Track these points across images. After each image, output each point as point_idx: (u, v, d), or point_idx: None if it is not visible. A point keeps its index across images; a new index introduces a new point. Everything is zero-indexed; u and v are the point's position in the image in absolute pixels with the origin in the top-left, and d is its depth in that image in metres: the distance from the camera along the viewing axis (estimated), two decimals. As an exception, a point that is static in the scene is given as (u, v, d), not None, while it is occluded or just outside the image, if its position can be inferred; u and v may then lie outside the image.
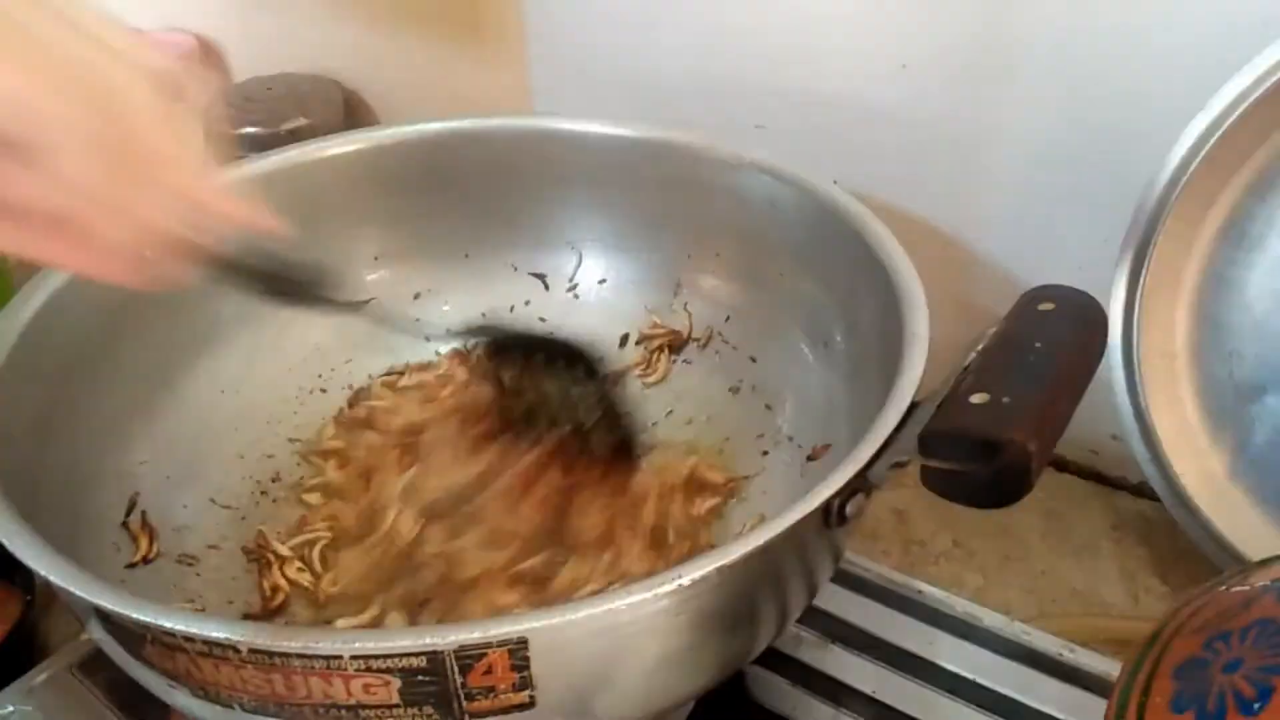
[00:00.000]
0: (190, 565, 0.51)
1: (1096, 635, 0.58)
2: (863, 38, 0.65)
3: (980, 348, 0.36)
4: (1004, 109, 0.63)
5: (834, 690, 0.50)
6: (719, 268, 0.61)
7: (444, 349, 0.64)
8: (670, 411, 0.61)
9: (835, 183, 0.54)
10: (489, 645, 0.32)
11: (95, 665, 0.51)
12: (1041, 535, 0.68)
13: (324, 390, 0.62)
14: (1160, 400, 0.59)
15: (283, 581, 0.50)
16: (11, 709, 0.50)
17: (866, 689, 0.50)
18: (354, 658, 0.32)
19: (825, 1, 0.65)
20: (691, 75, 0.73)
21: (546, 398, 0.51)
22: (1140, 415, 0.60)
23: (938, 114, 0.65)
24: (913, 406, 0.38)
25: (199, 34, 1.03)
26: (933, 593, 0.55)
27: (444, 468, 0.52)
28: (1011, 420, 0.30)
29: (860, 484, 0.36)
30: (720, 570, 0.34)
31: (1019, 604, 0.63)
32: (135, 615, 0.32)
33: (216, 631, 0.32)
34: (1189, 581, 0.64)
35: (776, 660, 0.51)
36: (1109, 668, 0.51)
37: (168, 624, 0.32)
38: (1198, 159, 0.53)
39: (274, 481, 0.57)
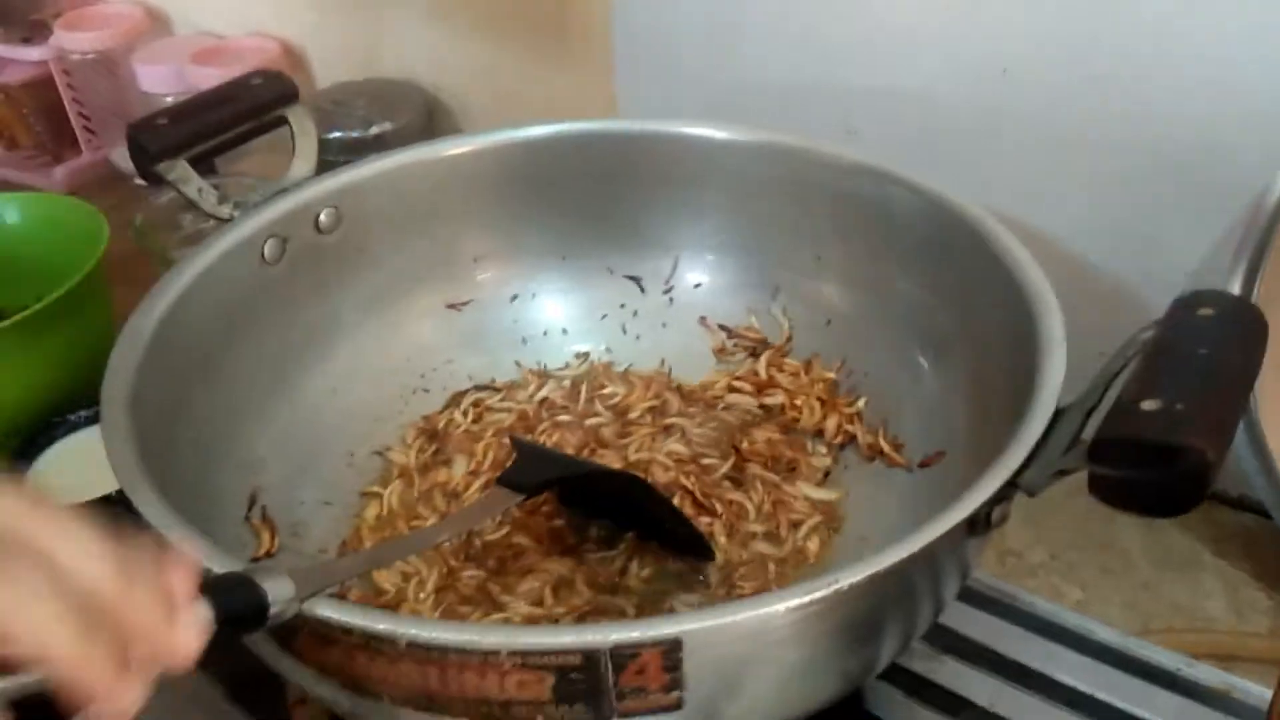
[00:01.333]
0: (306, 561, 0.51)
1: (1202, 650, 0.57)
2: (961, 41, 0.65)
3: (1134, 353, 0.35)
4: (1107, 114, 0.62)
5: (949, 702, 0.50)
6: (820, 271, 0.61)
7: (529, 364, 0.65)
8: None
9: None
10: (644, 645, 0.32)
11: (213, 657, 0.52)
12: (1141, 549, 0.67)
13: (426, 390, 0.62)
14: (1273, 411, 0.58)
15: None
16: (131, 698, 0.50)
17: (982, 701, 0.50)
18: (511, 653, 0.32)
19: (921, 4, 0.65)
20: (778, 81, 0.73)
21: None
22: (1251, 426, 0.59)
23: (1038, 119, 0.64)
24: (1058, 413, 0.38)
25: (283, 39, 1.05)
26: (1042, 604, 0.55)
27: None
28: (1188, 427, 0.30)
29: (1009, 490, 0.36)
30: (871, 579, 0.33)
31: (1120, 618, 0.62)
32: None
33: (379, 624, 0.32)
34: (1295, 597, 0.62)
35: (891, 671, 0.50)
36: (1229, 683, 0.50)
37: (332, 615, 0.32)
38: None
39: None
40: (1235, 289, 0.57)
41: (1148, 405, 0.31)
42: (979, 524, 0.36)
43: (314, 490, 0.55)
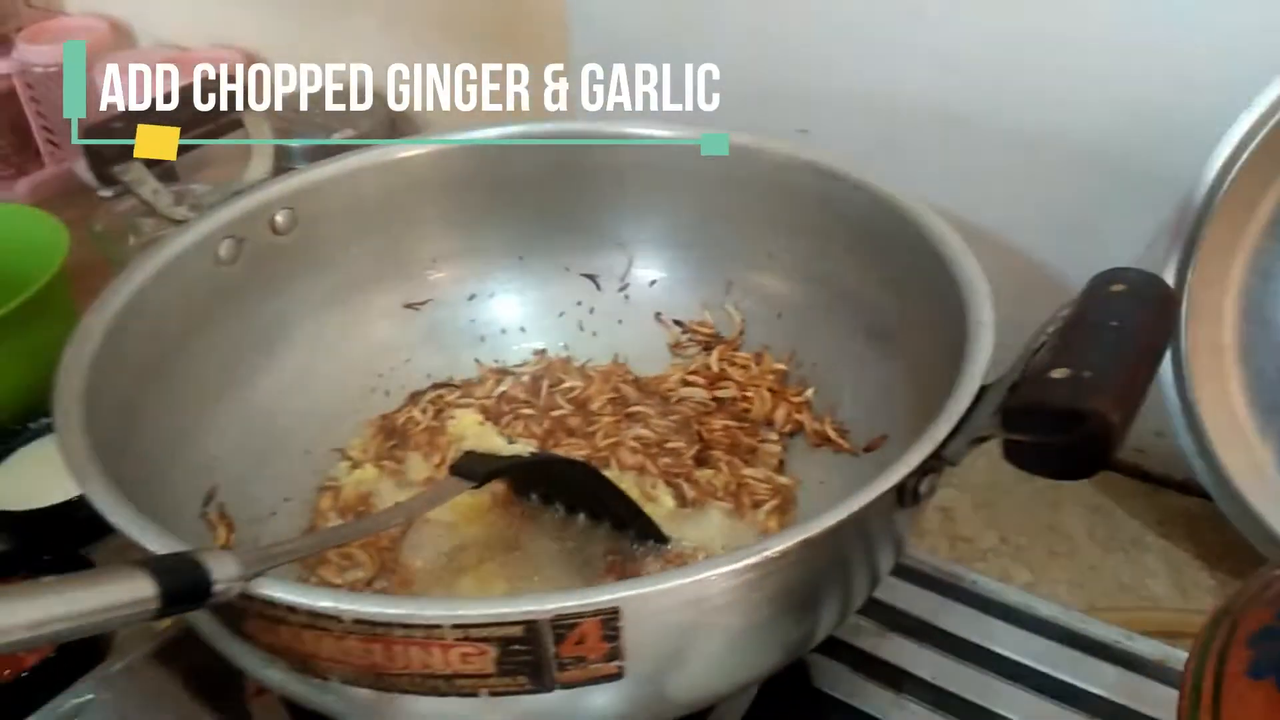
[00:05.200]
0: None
1: (1147, 628, 0.59)
2: (904, 38, 0.67)
3: (1053, 328, 0.37)
4: (1048, 107, 0.64)
5: (894, 676, 0.51)
6: (771, 266, 0.62)
7: (487, 362, 0.66)
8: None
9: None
10: (583, 614, 0.33)
11: (172, 653, 0.53)
12: (1088, 532, 0.68)
13: (386, 391, 0.63)
14: (1208, 394, 0.60)
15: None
16: (90, 696, 0.51)
17: (926, 675, 0.51)
18: (454, 626, 0.33)
19: (870, 5, 0.67)
20: (731, 84, 0.75)
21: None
22: (1188, 409, 0.61)
23: (981, 113, 0.66)
24: (983, 389, 0.39)
25: (244, 49, 1.06)
26: (986, 583, 0.56)
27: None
28: (1093, 392, 0.31)
29: (935, 463, 0.37)
30: (804, 544, 0.35)
31: (1068, 598, 0.63)
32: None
33: (322, 601, 0.33)
34: (1236, 575, 0.64)
35: (836, 648, 0.52)
36: (1166, 654, 0.52)
37: (276, 594, 0.33)
38: (1244, 156, 0.55)
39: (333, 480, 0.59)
40: (1170, 275, 0.59)
41: (1057, 374, 0.32)
42: (907, 494, 0.37)
43: (272, 487, 0.55)
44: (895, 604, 0.54)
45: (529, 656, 0.34)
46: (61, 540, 0.65)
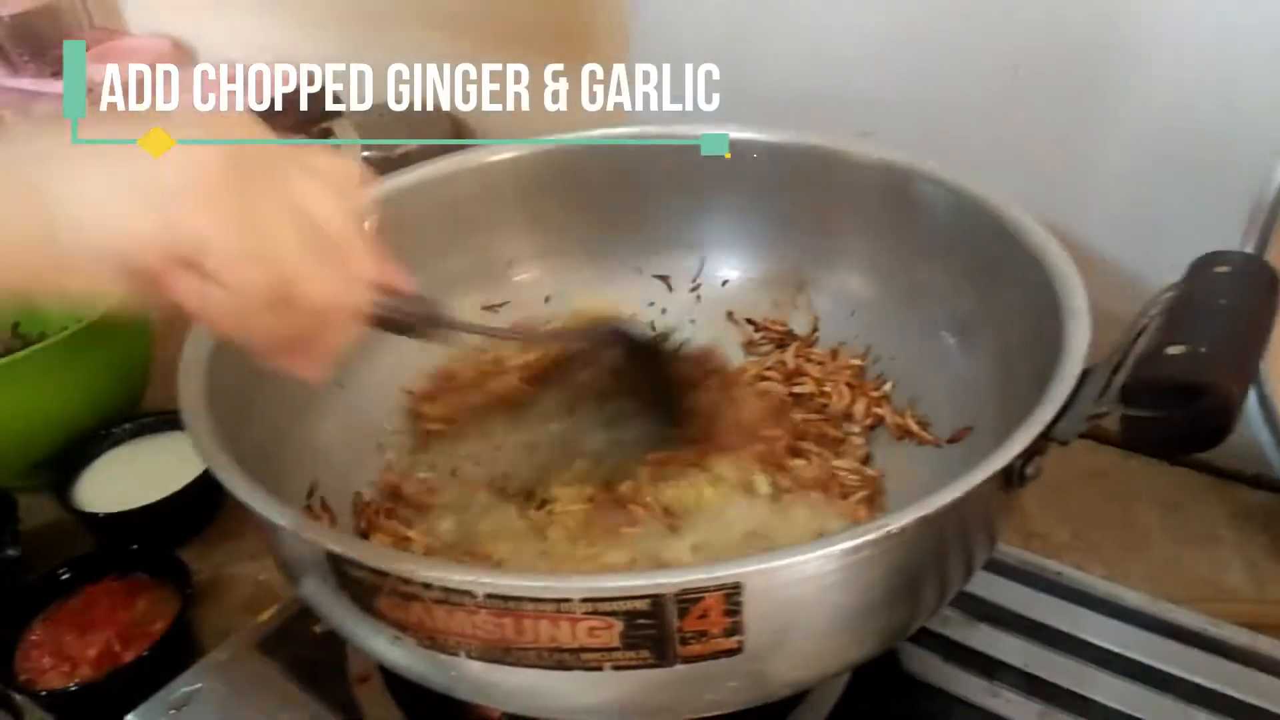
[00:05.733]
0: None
1: (1228, 619, 0.59)
2: (973, 40, 0.68)
3: (1155, 311, 0.38)
4: (1116, 109, 0.65)
5: (985, 665, 0.52)
6: (844, 265, 0.64)
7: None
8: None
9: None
10: (707, 589, 0.34)
11: (274, 644, 0.54)
12: (1161, 527, 0.68)
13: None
14: (1284, 387, 0.60)
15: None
16: (199, 685, 0.52)
17: (1017, 663, 0.51)
18: (584, 600, 0.34)
19: (932, 7, 0.68)
20: (793, 85, 0.76)
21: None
22: (1265, 403, 0.61)
23: (1049, 116, 0.67)
24: (1084, 373, 0.40)
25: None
26: (1071, 574, 0.57)
27: None
28: (1212, 366, 0.32)
29: (1042, 444, 0.38)
30: (921, 521, 0.35)
31: (1146, 593, 0.63)
32: (380, 563, 0.35)
33: (456, 575, 0.34)
34: (1314, 569, 0.64)
35: (928, 637, 0.53)
36: (1252, 640, 0.52)
37: (415, 569, 0.34)
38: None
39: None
40: (1243, 269, 0.60)
41: (1173, 350, 0.33)
42: (1014, 475, 0.38)
43: (367, 478, 0.57)
44: (983, 595, 0.55)
45: (653, 630, 0.35)
46: (149, 541, 0.66)
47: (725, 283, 0.68)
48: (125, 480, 0.72)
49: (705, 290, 0.68)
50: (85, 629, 0.60)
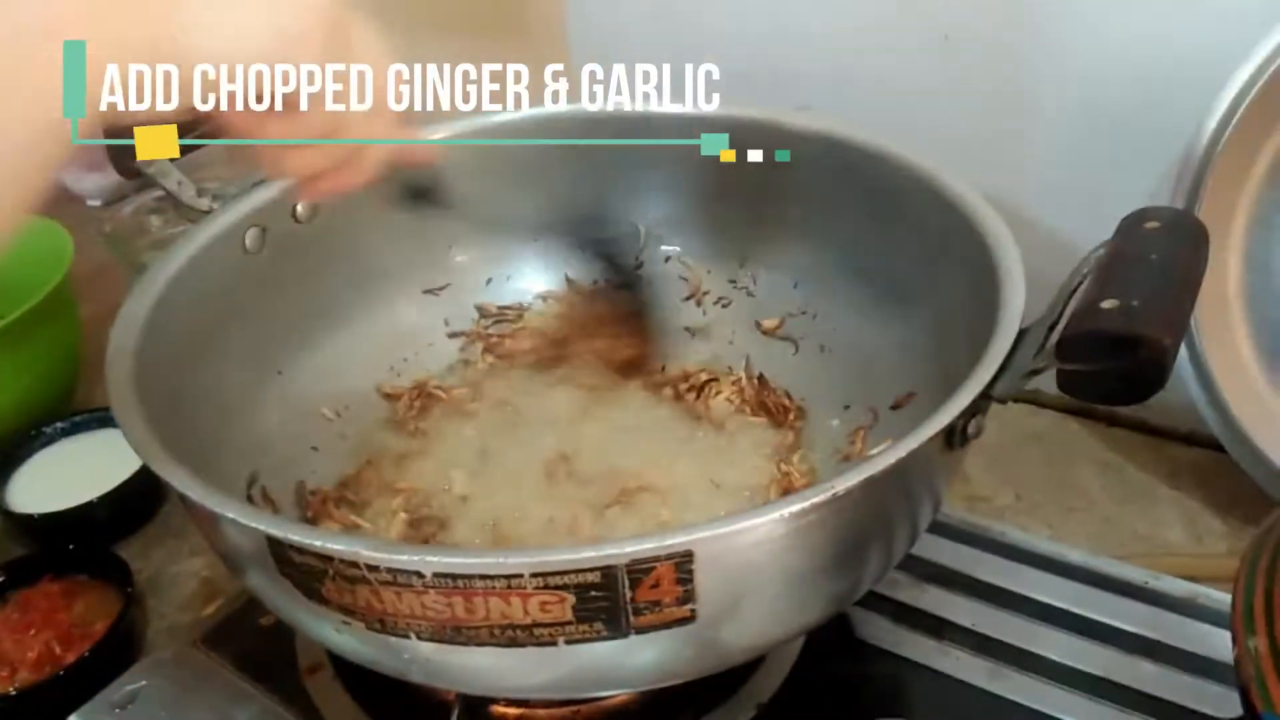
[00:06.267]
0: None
1: (1168, 572, 0.61)
2: (902, 10, 0.68)
3: (1088, 269, 0.38)
4: (1045, 75, 0.66)
5: (934, 625, 0.52)
6: (785, 237, 0.64)
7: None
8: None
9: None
10: (658, 558, 0.34)
11: (221, 638, 0.53)
12: (1101, 487, 0.70)
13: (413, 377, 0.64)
14: (1216, 344, 0.62)
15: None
16: (143, 682, 0.51)
17: (965, 622, 0.52)
18: (534, 575, 0.34)
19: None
20: (729, 66, 0.76)
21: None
22: (1197, 361, 0.62)
23: (981, 83, 0.68)
24: (1021, 331, 0.40)
25: None
26: (1015, 534, 0.58)
27: None
28: (1145, 318, 0.33)
29: (983, 403, 0.38)
30: (867, 482, 0.36)
31: (1088, 550, 0.65)
32: (324, 545, 0.34)
33: (403, 555, 0.34)
34: (1248, 522, 0.66)
35: (877, 601, 0.53)
36: (1191, 590, 0.54)
37: (361, 550, 0.34)
38: (1241, 108, 0.56)
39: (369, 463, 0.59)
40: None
41: (1107, 304, 0.34)
42: (956, 434, 0.38)
43: (311, 468, 0.56)
44: (930, 558, 0.55)
45: (606, 602, 0.35)
46: (87, 540, 0.65)
47: (668, 259, 0.68)
48: (60, 480, 0.70)
49: (649, 267, 0.68)
50: (24, 632, 0.58)
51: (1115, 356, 0.33)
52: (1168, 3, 0.60)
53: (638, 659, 0.38)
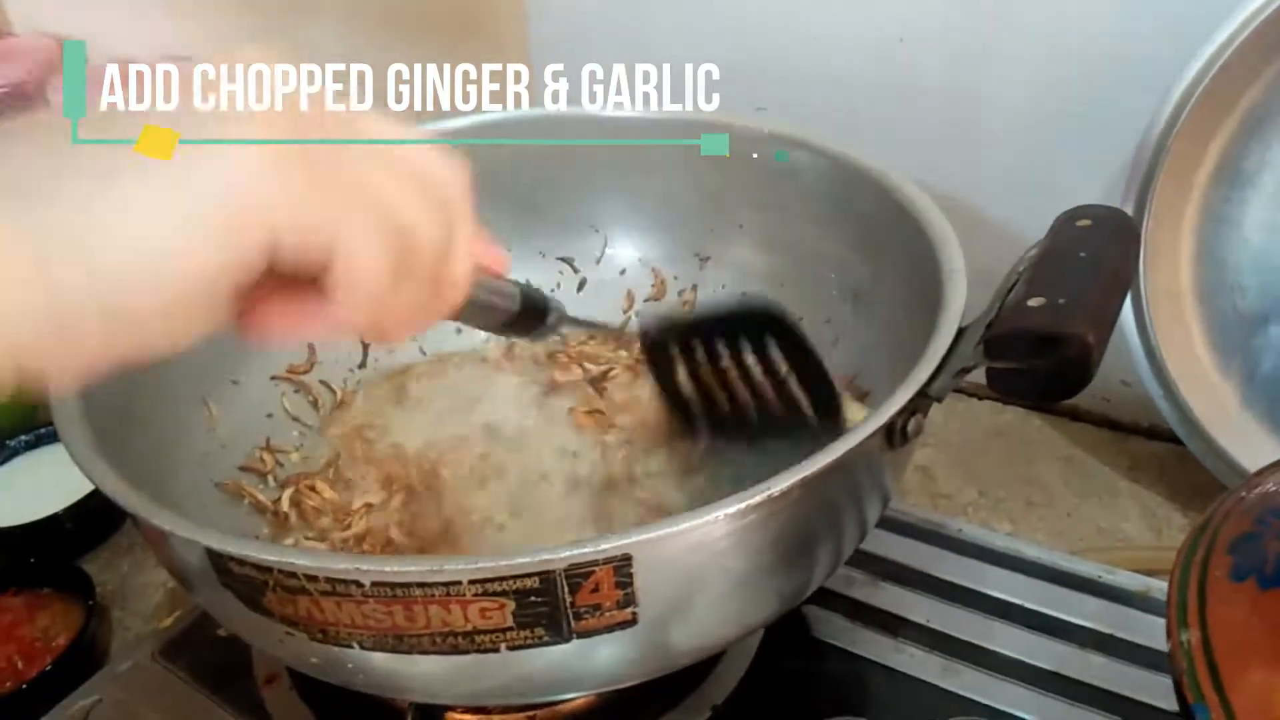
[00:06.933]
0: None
1: (1126, 566, 0.61)
2: (856, 11, 0.69)
3: (1023, 268, 0.38)
4: (998, 74, 0.66)
5: (890, 622, 0.53)
6: (741, 239, 0.64)
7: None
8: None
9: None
10: (596, 562, 0.34)
11: (178, 650, 0.53)
12: (1063, 481, 0.71)
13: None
14: (1170, 339, 0.62)
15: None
16: (98, 697, 0.51)
17: (920, 619, 0.53)
18: (472, 581, 0.34)
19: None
20: (687, 64, 0.76)
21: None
22: (1152, 355, 0.63)
23: (935, 83, 0.68)
24: (961, 330, 0.41)
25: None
26: (972, 529, 0.58)
27: None
28: (1070, 316, 0.33)
29: (921, 402, 0.39)
30: (803, 483, 0.36)
31: (1049, 545, 0.65)
32: (262, 557, 0.34)
33: (340, 564, 0.34)
34: (1207, 513, 0.67)
35: (832, 599, 0.53)
36: (1145, 585, 0.54)
37: (298, 561, 0.34)
38: (1190, 103, 0.57)
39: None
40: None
41: (1034, 303, 0.34)
42: (895, 433, 0.39)
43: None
44: (886, 555, 0.56)
45: (546, 607, 0.35)
46: (51, 553, 0.65)
47: (623, 271, 0.68)
48: (23, 493, 0.70)
49: (608, 271, 0.68)
50: (-16, 646, 0.58)
51: (1042, 354, 0.33)
52: (1116, 3, 0.60)
53: (582, 663, 0.38)
